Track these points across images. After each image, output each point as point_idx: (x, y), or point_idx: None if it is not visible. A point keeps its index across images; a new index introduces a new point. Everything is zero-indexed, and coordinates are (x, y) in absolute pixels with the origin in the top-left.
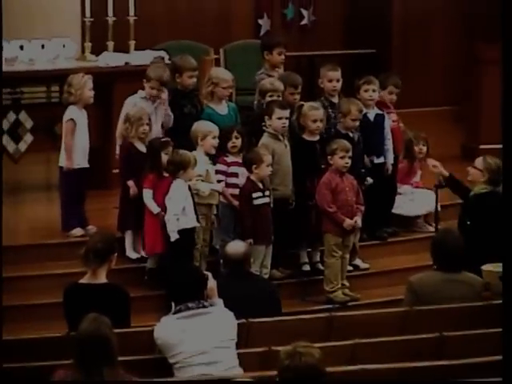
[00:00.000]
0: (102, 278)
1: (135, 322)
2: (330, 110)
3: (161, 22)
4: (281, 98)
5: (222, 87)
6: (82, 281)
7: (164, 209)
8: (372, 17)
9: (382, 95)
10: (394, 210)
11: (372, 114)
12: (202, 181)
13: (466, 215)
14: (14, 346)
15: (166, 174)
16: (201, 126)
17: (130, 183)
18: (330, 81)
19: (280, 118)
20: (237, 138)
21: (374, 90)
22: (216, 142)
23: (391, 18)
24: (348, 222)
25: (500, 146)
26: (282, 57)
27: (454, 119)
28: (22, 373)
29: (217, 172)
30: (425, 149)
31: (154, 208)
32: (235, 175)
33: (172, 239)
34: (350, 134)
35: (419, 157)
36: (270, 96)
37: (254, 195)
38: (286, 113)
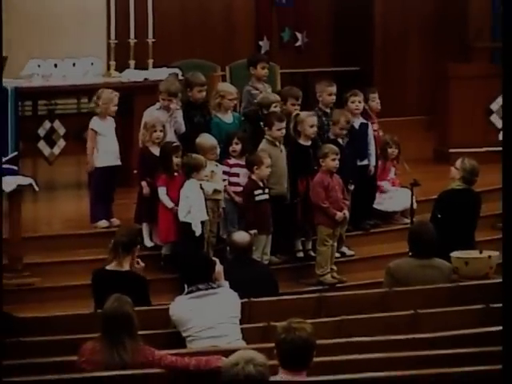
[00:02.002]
0: (126, 266)
1: (153, 301)
2: (323, 119)
3: (175, 43)
4: (279, 108)
5: (229, 99)
6: (108, 267)
7: (176, 203)
8: (356, 39)
9: (369, 105)
10: (375, 206)
11: (357, 122)
12: (207, 181)
13: (438, 209)
14: (49, 322)
15: (176, 174)
16: (204, 140)
17: (143, 183)
18: (330, 94)
19: (279, 129)
20: (237, 143)
21: (359, 102)
22: (216, 155)
23: (373, 40)
24: (339, 214)
25: (467, 150)
26: (266, 71)
27: (426, 127)
28: (57, 344)
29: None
30: (396, 151)
31: (168, 203)
32: (237, 175)
33: (197, 234)
34: (339, 140)
35: (392, 157)
36: (275, 106)
37: (256, 192)
38: (284, 124)
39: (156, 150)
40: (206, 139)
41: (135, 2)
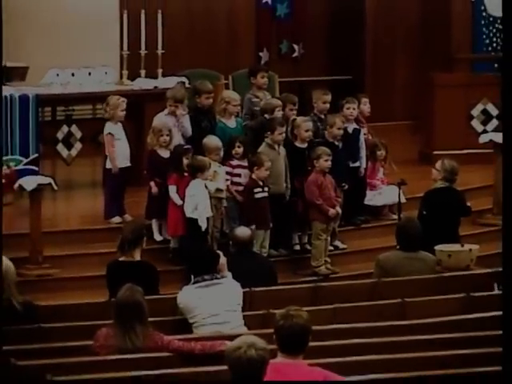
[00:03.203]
0: (137, 257)
1: (162, 291)
2: (318, 124)
3: (182, 54)
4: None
5: (233, 105)
6: (121, 259)
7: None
8: (348, 50)
9: (360, 108)
10: (366, 202)
11: (351, 127)
12: (210, 180)
13: (424, 207)
14: (67, 310)
15: (185, 174)
16: (210, 141)
17: (152, 183)
18: (324, 102)
19: (280, 133)
20: (239, 146)
21: (354, 108)
22: (221, 156)
23: (364, 52)
24: (332, 211)
25: (449, 152)
26: (265, 80)
27: (412, 131)
28: (74, 330)
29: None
30: (384, 152)
31: (178, 201)
32: (239, 175)
33: (203, 229)
34: (336, 143)
35: (380, 158)
36: (278, 110)
37: (255, 190)
38: (284, 128)
39: (163, 153)
40: (212, 140)
41: (146, 17)
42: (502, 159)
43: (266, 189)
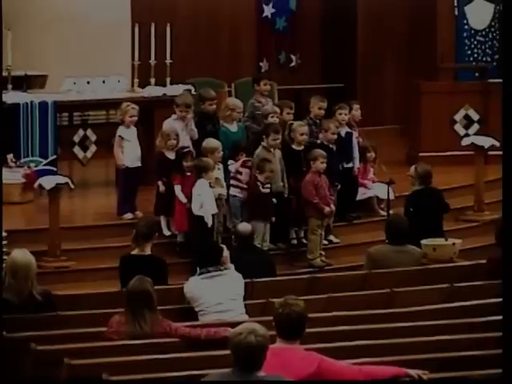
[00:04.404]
0: (148, 251)
1: (169, 282)
2: (313, 127)
3: (189, 64)
4: (277, 118)
5: (237, 112)
6: (133, 252)
7: (189, 199)
8: (341, 61)
9: (352, 114)
10: (359, 198)
11: (343, 131)
12: (213, 188)
13: (410, 205)
14: (82, 299)
15: (188, 174)
16: (208, 143)
17: (159, 183)
18: (320, 108)
19: (274, 139)
20: (242, 154)
21: (345, 114)
22: (220, 155)
23: (355, 62)
24: (327, 209)
25: (434, 154)
26: (267, 87)
27: (400, 134)
28: (89, 318)
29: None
30: (374, 154)
31: (183, 199)
32: (240, 173)
33: (209, 225)
34: (331, 146)
35: (370, 160)
36: (272, 117)
37: (259, 185)
38: (279, 135)
39: (170, 155)
40: (210, 142)
41: (155, 30)
42: (502, 160)
43: (267, 185)
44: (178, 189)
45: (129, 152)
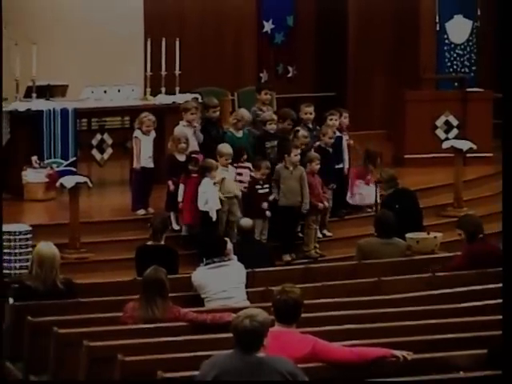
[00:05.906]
0: (162, 242)
1: (180, 271)
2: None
3: (196, 74)
4: (275, 125)
5: (243, 123)
6: (148, 243)
7: (191, 198)
8: (333, 72)
9: (341, 121)
10: (348, 200)
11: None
12: (215, 184)
13: (393, 203)
14: (100, 287)
15: (192, 175)
16: (223, 147)
17: (169, 182)
18: (306, 113)
19: (296, 155)
20: (244, 159)
21: (336, 120)
22: (227, 162)
23: (345, 72)
24: (320, 205)
25: (417, 156)
26: (268, 96)
27: (387, 138)
28: (106, 304)
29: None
30: (379, 160)
31: (180, 197)
32: (241, 174)
33: (213, 220)
34: (328, 149)
35: (378, 164)
36: (269, 124)
37: (257, 187)
38: (299, 150)
39: (180, 157)
40: (226, 147)
41: (166, 44)
42: (502, 162)
43: (266, 186)
44: (181, 187)
45: (143, 154)
